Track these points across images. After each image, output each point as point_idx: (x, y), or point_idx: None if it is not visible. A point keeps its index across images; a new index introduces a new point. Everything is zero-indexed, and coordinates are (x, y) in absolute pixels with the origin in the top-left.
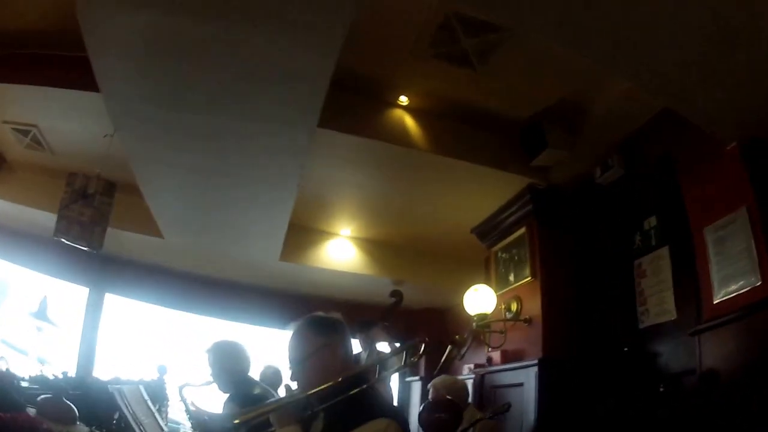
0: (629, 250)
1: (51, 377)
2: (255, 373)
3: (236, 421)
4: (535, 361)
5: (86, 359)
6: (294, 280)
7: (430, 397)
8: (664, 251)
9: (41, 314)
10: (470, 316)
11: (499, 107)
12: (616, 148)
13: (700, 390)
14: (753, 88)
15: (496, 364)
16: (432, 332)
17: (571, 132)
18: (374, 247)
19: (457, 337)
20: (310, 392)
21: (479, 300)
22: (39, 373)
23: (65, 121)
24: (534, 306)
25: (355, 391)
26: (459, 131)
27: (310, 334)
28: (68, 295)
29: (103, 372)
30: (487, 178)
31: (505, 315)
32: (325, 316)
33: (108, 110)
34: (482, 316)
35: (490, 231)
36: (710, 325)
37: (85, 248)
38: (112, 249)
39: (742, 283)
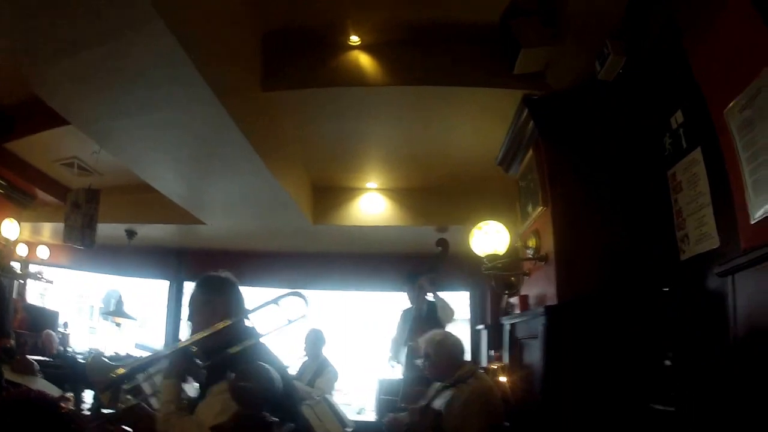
0: (660, 159)
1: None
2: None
3: (113, 374)
4: (542, 310)
5: (173, 344)
6: (337, 240)
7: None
8: (697, 154)
9: (119, 311)
10: (479, 258)
11: (463, 15)
12: (611, 33)
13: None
14: None
15: (517, 312)
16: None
17: (548, 24)
18: (408, 196)
19: (512, 279)
20: (178, 346)
21: (487, 239)
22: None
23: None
24: (549, 240)
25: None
26: (431, 55)
27: (196, 292)
28: (143, 290)
29: None
30: (484, 98)
31: (524, 253)
32: (211, 275)
33: (83, 131)
34: (493, 257)
35: (510, 159)
36: (743, 262)
37: (81, 247)
38: (183, 243)
39: None
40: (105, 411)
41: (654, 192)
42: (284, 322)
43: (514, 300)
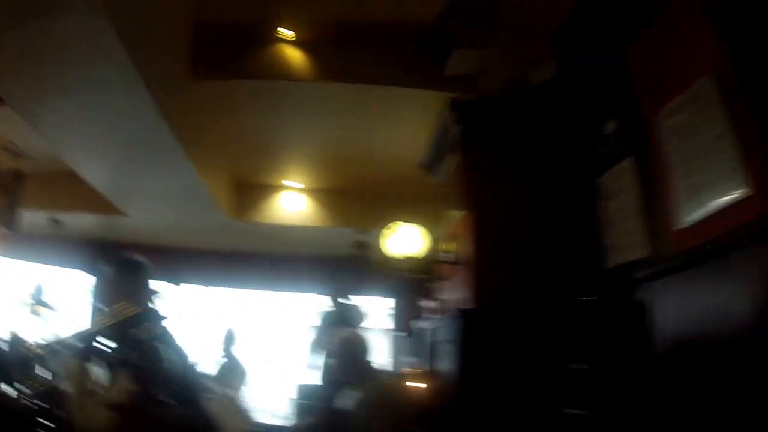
0: (591, 166)
1: None
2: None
3: (27, 353)
4: (456, 314)
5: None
6: (258, 239)
7: None
8: (629, 163)
9: (41, 301)
10: (389, 260)
11: (398, 15)
12: (547, 39)
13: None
14: None
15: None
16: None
17: (483, 26)
18: (330, 197)
19: (429, 283)
20: (89, 329)
21: (401, 241)
22: None
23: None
24: (469, 245)
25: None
26: (364, 54)
27: (111, 274)
28: (70, 281)
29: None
30: (414, 100)
31: (442, 257)
32: (126, 257)
33: (15, 111)
34: (409, 260)
35: (435, 163)
36: (667, 267)
37: (8, 230)
38: (107, 235)
39: (719, 195)
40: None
41: (583, 199)
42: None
43: (432, 304)
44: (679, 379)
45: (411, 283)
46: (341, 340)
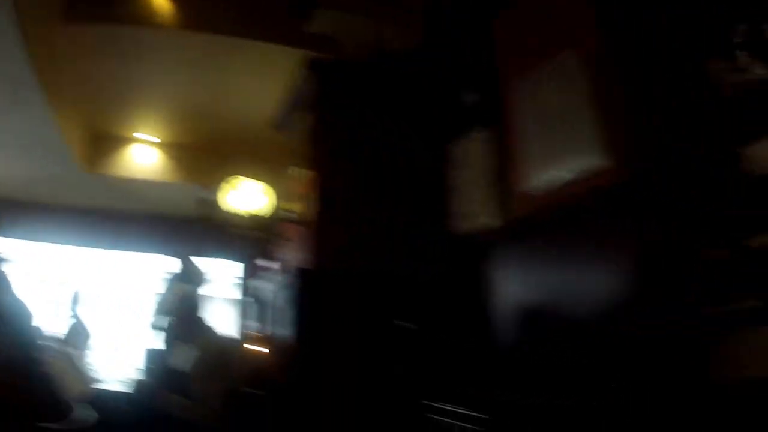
0: (446, 135)
1: None
2: None
3: None
4: (295, 274)
5: None
6: (108, 195)
7: None
8: (481, 132)
9: None
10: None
11: None
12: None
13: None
14: None
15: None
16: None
17: None
18: (182, 152)
19: (271, 243)
20: None
21: (240, 197)
22: None
23: None
24: (314, 207)
25: None
26: (226, 5)
27: None
28: None
29: None
30: (271, 56)
31: (285, 216)
32: None
33: None
34: (246, 218)
35: (287, 122)
36: (505, 236)
37: None
38: None
39: (573, 164)
40: None
41: (436, 167)
42: None
43: (274, 266)
44: (521, 346)
45: (254, 242)
46: (177, 297)
